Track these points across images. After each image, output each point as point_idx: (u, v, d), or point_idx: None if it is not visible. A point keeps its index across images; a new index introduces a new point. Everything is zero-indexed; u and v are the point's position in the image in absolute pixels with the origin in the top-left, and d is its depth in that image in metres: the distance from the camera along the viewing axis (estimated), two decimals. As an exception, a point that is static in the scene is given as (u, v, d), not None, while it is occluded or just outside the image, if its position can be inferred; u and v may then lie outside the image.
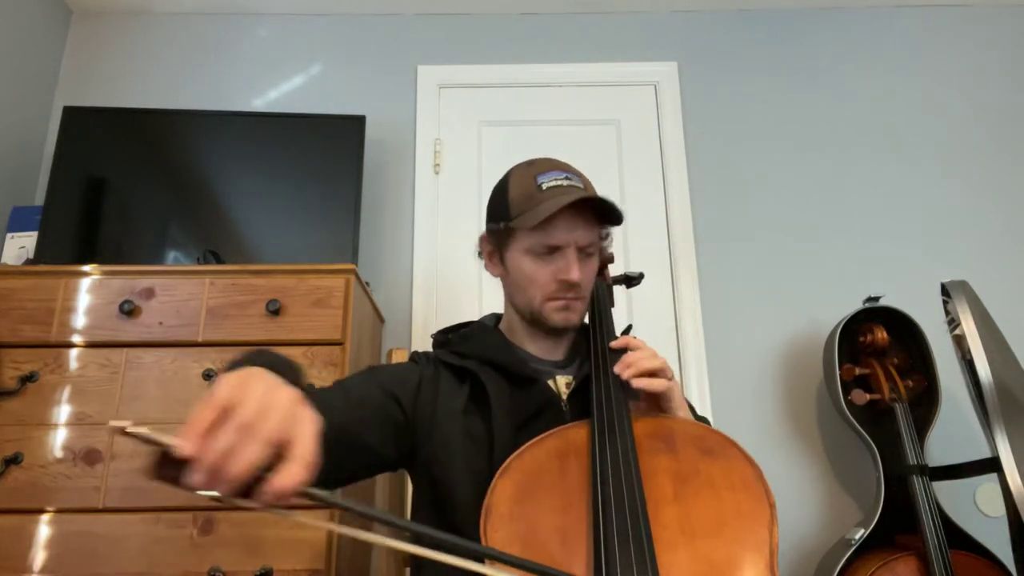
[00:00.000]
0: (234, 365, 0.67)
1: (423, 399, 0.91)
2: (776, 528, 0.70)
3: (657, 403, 0.87)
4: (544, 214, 0.88)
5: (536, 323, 0.98)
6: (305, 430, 0.50)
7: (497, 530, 0.69)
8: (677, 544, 0.68)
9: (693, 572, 0.66)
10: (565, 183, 0.93)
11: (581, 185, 0.95)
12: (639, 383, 0.82)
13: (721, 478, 0.74)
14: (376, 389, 0.88)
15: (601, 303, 1.00)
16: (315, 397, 0.71)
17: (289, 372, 0.67)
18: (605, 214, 0.94)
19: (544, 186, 0.93)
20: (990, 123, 2.10)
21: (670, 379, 0.85)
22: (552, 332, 0.99)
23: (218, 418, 0.48)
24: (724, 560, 0.67)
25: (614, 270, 1.13)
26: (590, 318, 1.00)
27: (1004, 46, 2.18)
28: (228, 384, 0.50)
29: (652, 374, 0.84)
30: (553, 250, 0.93)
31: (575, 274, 0.92)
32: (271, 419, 0.48)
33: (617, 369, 0.85)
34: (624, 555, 0.65)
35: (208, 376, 1.34)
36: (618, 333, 1.04)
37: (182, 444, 0.46)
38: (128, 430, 0.46)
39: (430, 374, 0.94)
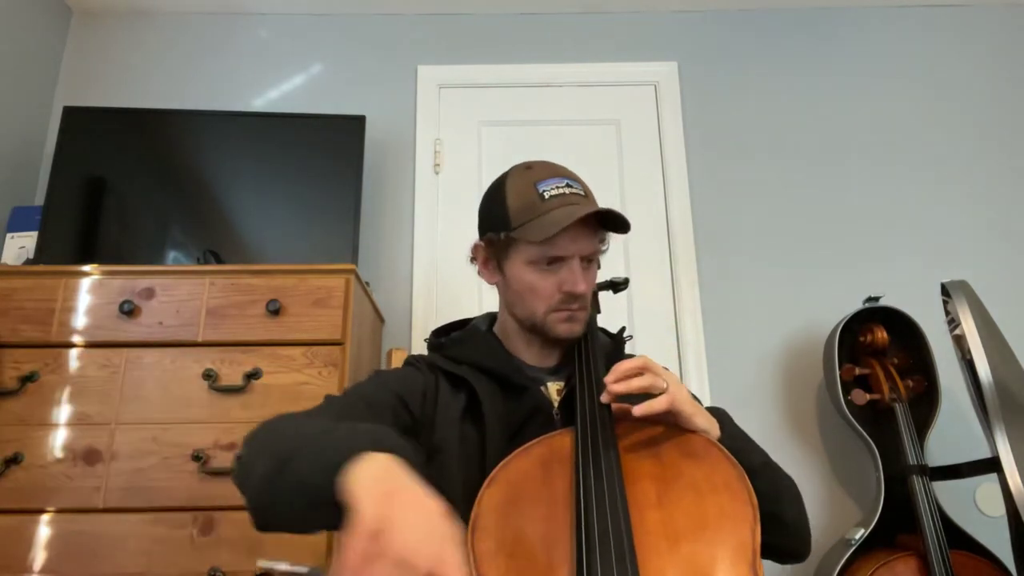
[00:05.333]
0: (349, 445, 0.59)
1: (427, 404, 0.91)
2: (759, 529, 0.70)
3: (669, 418, 0.81)
4: (551, 229, 0.85)
5: (537, 332, 0.95)
6: (456, 553, 0.50)
7: (483, 541, 0.69)
8: (661, 549, 0.68)
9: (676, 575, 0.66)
10: (567, 191, 0.90)
11: (582, 192, 0.92)
12: (640, 411, 0.77)
13: (704, 481, 0.74)
14: (388, 394, 0.88)
15: None
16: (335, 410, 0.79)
17: (404, 451, 0.62)
18: (610, 222, 0.91)
19: (546, 195, 0.90)
20: (990, 123, 2.10)
21: (663, 389, 0.79)
22: (554, 343, 0.97)
23: (371, 547, 0.47)
24: (707, 562, 0.67)
25: (599, 276, 1.12)
26: None
27: (1003, 47, 2.18)
28: (373, 502, 0.50)
29: (645, 392, 0.79)
30: (555, 261, 0.90)
31: (581, 286, 0.89)
32: (425, 548, 0.48)
33: (604, 399, 0.81)
34: (605, 561, 0.65)
35: (208, 376, 1.34)
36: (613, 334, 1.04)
37: None
38: (278, 569, 0.46)
39: (432, 381, 0.94)
